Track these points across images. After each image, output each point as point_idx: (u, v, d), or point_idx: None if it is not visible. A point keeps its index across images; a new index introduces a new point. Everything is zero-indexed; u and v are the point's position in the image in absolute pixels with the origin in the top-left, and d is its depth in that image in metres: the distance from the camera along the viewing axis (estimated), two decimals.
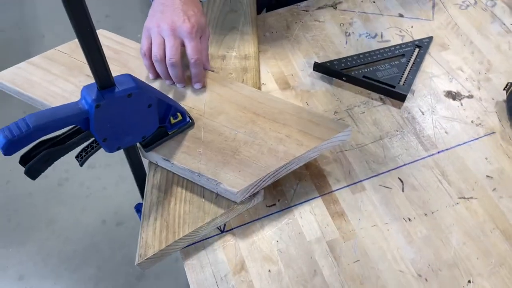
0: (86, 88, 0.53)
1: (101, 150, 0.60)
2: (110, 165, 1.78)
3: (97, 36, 0.47)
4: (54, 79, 0.73)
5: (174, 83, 0.71)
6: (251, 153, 0.62)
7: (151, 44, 0.69)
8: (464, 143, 0.72)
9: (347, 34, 0.86)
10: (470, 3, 0.90)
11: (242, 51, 0.79)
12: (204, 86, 0.71)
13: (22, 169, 0.54)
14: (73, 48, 0.78)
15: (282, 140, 0.64)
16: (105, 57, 0.49)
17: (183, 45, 0.68)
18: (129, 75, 0.55)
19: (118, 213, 1.67)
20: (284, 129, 0.65)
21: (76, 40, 0.64)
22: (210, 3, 0.87)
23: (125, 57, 0.76)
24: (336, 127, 0.65)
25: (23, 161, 0.54)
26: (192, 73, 0.70)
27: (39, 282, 1.53)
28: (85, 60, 0.49)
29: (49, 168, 0.56)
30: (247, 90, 0.70)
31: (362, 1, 0.91)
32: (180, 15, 0.68)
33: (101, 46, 0.49)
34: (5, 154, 0.50)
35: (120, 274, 1.53)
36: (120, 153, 0.64)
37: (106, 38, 0.78)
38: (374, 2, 0.91)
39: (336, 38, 0.85)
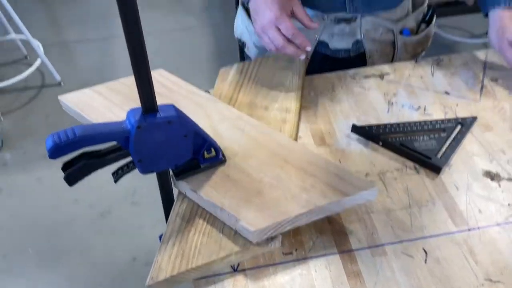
0: (132, 110, 0.58)
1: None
2: (153, 206, 1.84)
3: (148, 65, 0.53)
4: (112, 106, 0.80)
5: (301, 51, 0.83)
6: (274, 196, 0.64)
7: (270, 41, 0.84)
8: (498, 224, 0.69)
9: (390, 103, 0.88)
10: None
11: (284, 105, 0.83)
12: (308, 48, 0.83)
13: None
14: (133, 81, 0.86)
15: (306, 189, 0.65)
16: (152, 84, 0.55)
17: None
18: (173, 105, 0.60)
19: (149, 253, 1.70)
20: (310, 179, 0.66)
21: None
22: (264, 59, 0.93)
23: (176, 96, 0.82)
24: (362, 185, 0.66)
25: (64, 167, 0.59)
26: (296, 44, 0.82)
27: None
28: None
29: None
30: (282, 138, 0.73)
31: (409, 76, 0.94)
32: (266, 9, 0.83)
33: (150, 74, 0.54)
34: (50, 157, 0.55)
35: None
36: None
37: (163, 77, 0.86)
38: (421, 77, 0.94)
39: (379, 105, 0.88)
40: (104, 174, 0.68)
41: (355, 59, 1.02)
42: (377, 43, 1.01)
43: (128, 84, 0.85)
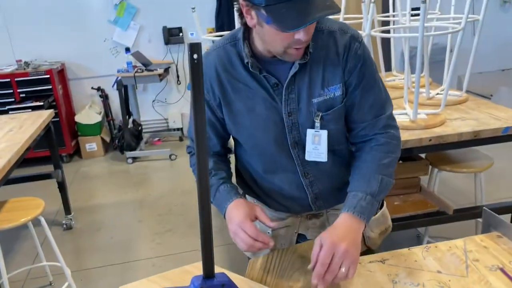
0: (195, 277, 0.77)
1: None
2: None
3: (212, 243, 0.75)
4: None
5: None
6: None
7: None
8: None
9: (394, 281, 1.05)
10: (498, 266, 1.09)
11: (306, 285, 1.00)
12: (272, 243, 1.01)
13: None
14: (181, 272, 1.05)
15: None
16: (213, 257, 0.76)
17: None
18: (224, 273, 0.80)
19: None
20: None
21: (184, 268, 0.94)
22: (284, 250, 1.14)
23: None
24: None
25: None
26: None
27: None
28: None
29: None
30: None
31: (405, 260, 1.14)
32: (234, 217, 1.06)
33: (213, 250, 0.76)
34: None
35: None
36: None
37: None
38: (416, 261, 1.13)
39: (385, 284, 1.04)
40: None
41: None
42: None
43: (176, 273, 1.04)
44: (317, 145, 1.12)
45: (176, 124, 5.04)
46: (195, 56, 0.65)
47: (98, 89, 4.74)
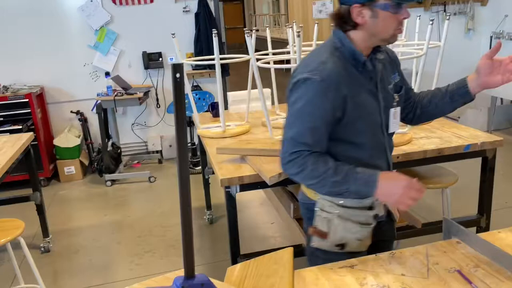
0: (177, 277, 0.84)
1: None
2: None
3: (192, 244, 0.83)
4: None
5: None
6: None
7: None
8: None
9: (362, 284, 1.14)
10: (455, 269, 1.19)
11: (280, 287, 1.08)
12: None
13: None
14: (163, 280, 1.11)
15: None
16: (193, 259, 0.83)
17: None
18: (204, 274, 0.87)
19: None
20: None
21: (165, 276, 1.00)
22: (260, 258, 1.22)
23: None
24: None
25: None
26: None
27: None
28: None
29: None
30: None
31: (373, 265, 1.22)
32: (396, 183, 1.27)
33: (193, 251, 0.83)
34: None
35: None
36: None
37: None
38: (381, 266, 1.22)
39: (353, 287, 1.13)
40: None
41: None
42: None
43: (158, 281, 1.10)
44: (395, 120, 1.47)
45: (155, 147, 5.09)
46: (177, 75, 0.74)
47: (77, 112, 4.77)
